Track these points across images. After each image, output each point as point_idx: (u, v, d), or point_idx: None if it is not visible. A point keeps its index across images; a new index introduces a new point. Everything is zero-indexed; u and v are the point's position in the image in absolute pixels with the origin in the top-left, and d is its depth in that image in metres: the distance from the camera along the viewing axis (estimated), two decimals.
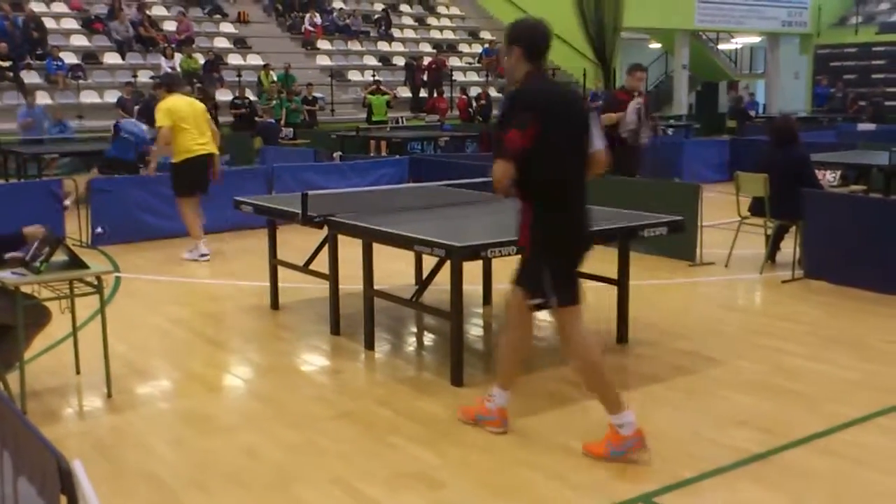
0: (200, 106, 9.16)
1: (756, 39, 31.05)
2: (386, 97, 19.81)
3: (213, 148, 9.05)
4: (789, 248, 8.10)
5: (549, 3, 26.24)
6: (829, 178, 10.09)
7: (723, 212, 9.62)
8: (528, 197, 4.12)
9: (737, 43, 31.81)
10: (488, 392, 4.52)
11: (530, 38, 4.15)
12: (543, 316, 6.83)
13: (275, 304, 6.99)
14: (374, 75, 22.01)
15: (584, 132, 4.16)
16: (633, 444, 4.07)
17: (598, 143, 4.21)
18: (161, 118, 8.78)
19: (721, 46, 32.10)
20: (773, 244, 8.28)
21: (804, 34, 29.49)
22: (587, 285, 6.61)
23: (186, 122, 8.80)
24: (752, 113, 24.79)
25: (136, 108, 17.62)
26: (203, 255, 8.92)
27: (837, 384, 5.19)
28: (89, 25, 20.58)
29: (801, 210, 7.79)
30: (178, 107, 8.86)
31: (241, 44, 22.30)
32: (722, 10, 27.22)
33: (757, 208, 8.16)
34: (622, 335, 5.99)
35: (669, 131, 19.72)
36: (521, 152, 3.87)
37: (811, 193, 7.85)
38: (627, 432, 4.07)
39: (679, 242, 7.88)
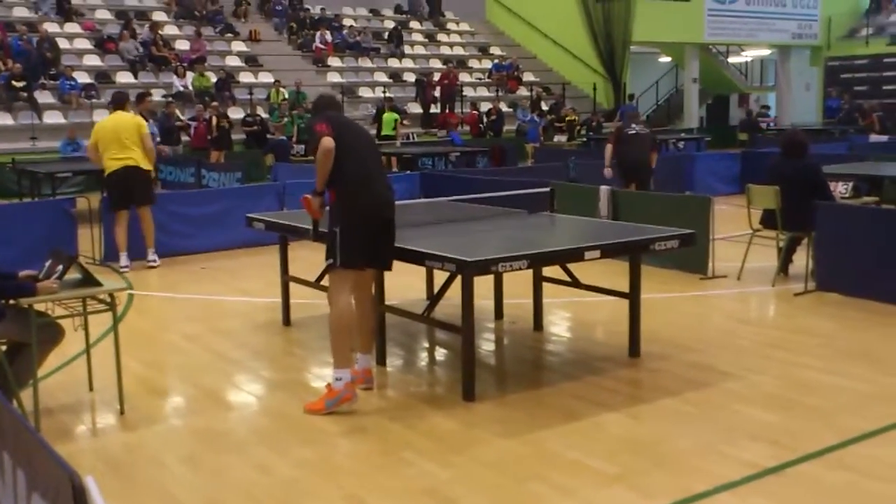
0: (128, 122, 9.31)
1: (766, 52, 31.03)
2: (395, 116, 19.85)
3: (133, 161, 9.20)
4: (802, 260, 8.08)
5: (558, 18, 26.44)
6: (840, 189, 10.06)
7: (734, 224, 9.61)
8: (332, 187, 5.13)
9: (747, 56, 31.80)
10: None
11: (322, 104, 5.55)
12: (556, 333, 6.83)
13: (287, 321, 7.01)
14: (384, 92, 22.10)
15: (372, 142, 5.67)
16: (344, 396, 4.97)
17: None
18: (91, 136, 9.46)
19: (731, 59, 32.08)
20: (786, 256, 8.25)
21: (814, 46, 29.46)
22: (599, 299, 6.67)
23: (105, 139, 9.22)
24: (764, 125, 24.74)
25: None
26: (123, 267, 9.26)
27: (851, 397, 5.16)
28: (102, 45, 20.77)
29: (813, 222, 7.77)
30: (102, 125, 9.43)
31: (252, 62, 22.44)
32: (732, 23, 27.21)
33: (769, 220, 8.14)
34: (634, 349, 5.97)
35: (681, 144, 19.71)
36: (330, 132, 5.01)
37: (823, 205, 7.82)
38: (339, 386, 4.98)
39: (691, 255, 7.86)
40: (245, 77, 21.71)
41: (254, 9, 24.79)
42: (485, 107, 22.82)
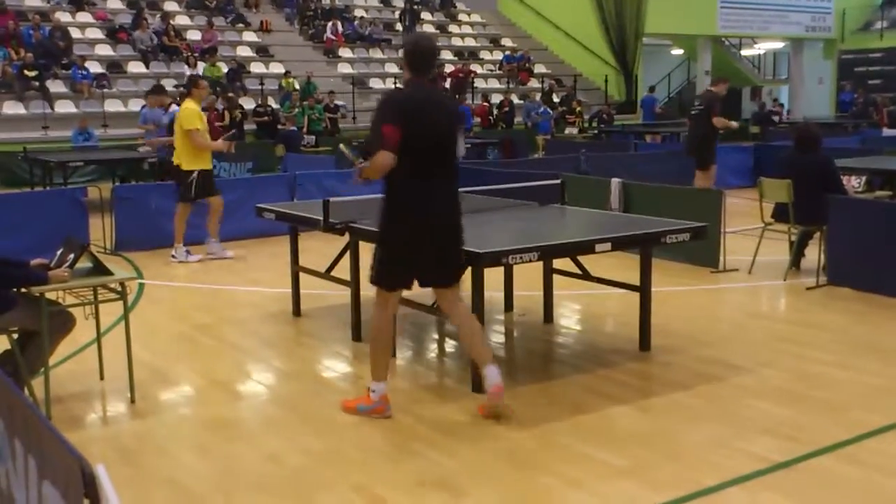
0: (177, 114, 9.30)
1: (779, 45, 30.86)
2: None
3: (176, 157, 9.17)
4: (814, 254, 8.03)
5: (570, 10, 26.34)
6: (854, 183, 10.00)
7: (746, 218, 9.56)
8: (385, 187, 4.63)
9: (760, 48, 31.62)
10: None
11: (409, 51, 4.72)
12: (566, 325, 6.81)
13: (297, 311, 7.02)
14: (395, 83, 22.07)
15: (447, 139, 4.65)
16: (377, 406, 4.76)
17: (458, 152, 4.78)
18: None
19: (744, 52, 31.93)
20: (798, 250, 8.21)
21: (828, 39, 29.29)
22: (609, 292, 6.65)
23: None
24: (777, 119, 24.61)
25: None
26: (172, 257, 9.29)
27: (863, 391, 5.14)
28: (114, 35, 20.80)
29: (826, 216, 7.72)
30: None
31: (263, 52, 22.44)
32: (745, 15, 27.08)
33: (781, 214, 8.10)
34: (645, 342, 5.95)
35: None
36: (398, 143, 4.41)
37: (835, 199, 7.77)
38: (375, 398, 4.78)
39: (702, 249, 7.83)
40: (256, 67, 21.71)
41: None
42: (496, 98, 22.77)
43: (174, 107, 11.75)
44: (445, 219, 4.68)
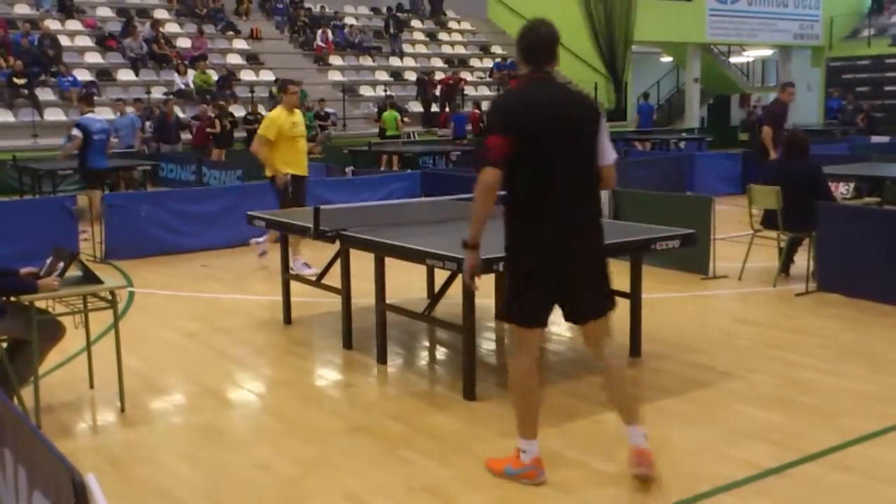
0: None
1: (768, 52, 31.02)
2: (395, 114, 19.70)
3: None
4: (803, 260, 8.07)
5: (559, 17, 26.17)
6: (842, 190, 10.06)
7: (736, 225, 9.61)
8: (505, 207, 4.00)
9: (748, 56, 31.78)
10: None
11: (523, 38, 3.97)
12: (557, 332, 6.82)
13: (287, 319, 7.00)
14: (385, 90, 22.10)
15: (578, 146, 3.89)
16: (530, 471, 4.03)
17: (607, 157, 3.99)
18: None
19: (733, 59, 32.08)
20: (787, 257, 8.25)
21: (816, 47, 29.45)
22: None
23: None
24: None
25: (148, 123, 17.76)
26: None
27: (852, 398, 5.16)
28: (103, 43, 20.76)
29: (815, 222, 7.76)
30: None
31: (253, 60, 22.45)
32: (733, 23, 27.23)
33: (770, 221, 8.14)
34: (636, 348, 5.96)
35: (682, 145, 19.70)
36: (505, 157, 3.77)
37: (824, 206, 7.81)
38: (526, 459, 4.04)
39: (692, 256, 7.86)
40: (246, 75, 21.72)
41: (255, 7, 24.79)
42: (486, 106, 22.81)
43: (90, 115, 11.61)
44: (581, 243, 3.95)
